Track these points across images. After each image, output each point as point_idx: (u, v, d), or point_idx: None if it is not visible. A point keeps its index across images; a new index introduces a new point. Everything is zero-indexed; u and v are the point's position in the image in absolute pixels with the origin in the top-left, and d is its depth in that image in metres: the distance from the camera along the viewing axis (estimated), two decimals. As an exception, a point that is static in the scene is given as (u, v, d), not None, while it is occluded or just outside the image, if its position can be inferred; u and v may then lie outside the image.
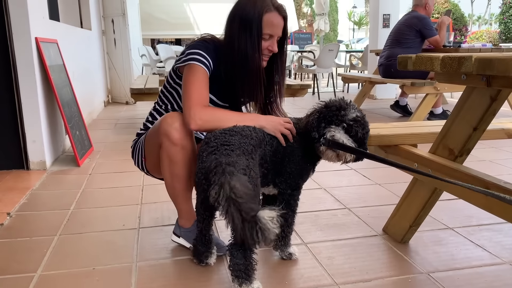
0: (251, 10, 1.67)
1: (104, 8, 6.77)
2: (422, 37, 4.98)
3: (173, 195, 1.82)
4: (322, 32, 10.38)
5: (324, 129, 1.59)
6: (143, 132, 1.92)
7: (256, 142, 1.55)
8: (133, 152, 1.93)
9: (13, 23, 2.95)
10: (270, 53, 1.74)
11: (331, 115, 1.59)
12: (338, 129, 1.58)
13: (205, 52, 1.70)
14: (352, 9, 40.07)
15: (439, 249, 1.89)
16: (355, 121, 1.58)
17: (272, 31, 1.69)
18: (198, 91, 1.66)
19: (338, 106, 1.61)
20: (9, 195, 2.62)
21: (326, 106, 1.64)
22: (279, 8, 1.70)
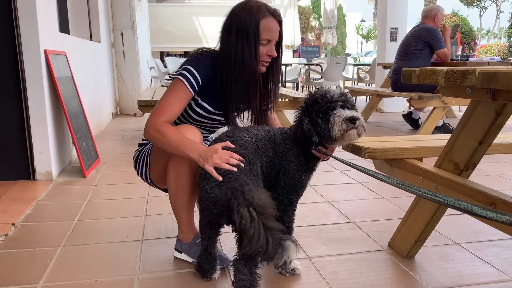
0: (247, 17, 1.69)
1: (113, 21, 6.86)
2: (431, 49, 4.97)
3: (176, 207, 1.82)
4: (329, 45, 10.41)
5: (326, 120, 1.57)
6: (146, 142, 1.93)
7: (252, 151, 1.55)
8: (137, 162, 1.94)
9: (23, 35, 2.99)
10: (269, 58, 1.76)
11: (323, 106, 1.58)
12: (340, 110, 1.57)
13: (195, 67, 1.72)
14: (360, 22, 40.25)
15: (446, 265, 1.86)
16: (343, 94, 1.62)
17: (270, 36, 1.71)
18: (164, 104, 1.69)
19: (321, 95, 1.60)
20: (14, 205, 2.63)
21: (310, 104, 1.62)
22: (274, 13, 1.73)
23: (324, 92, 1.60)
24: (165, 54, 15.41)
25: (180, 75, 1.71)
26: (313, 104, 1.61)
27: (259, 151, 1.59)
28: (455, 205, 0.96)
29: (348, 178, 3.23)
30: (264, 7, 1.71)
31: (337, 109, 1.57)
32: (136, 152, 1.97)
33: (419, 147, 1.85)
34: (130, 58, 6.84)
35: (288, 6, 12.51)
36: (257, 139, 1.61)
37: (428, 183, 1.67)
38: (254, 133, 1.63)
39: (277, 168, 1.65)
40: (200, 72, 1.72)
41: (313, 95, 1.63)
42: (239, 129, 1.67)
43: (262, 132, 1.66)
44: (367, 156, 1.82)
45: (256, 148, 1.58)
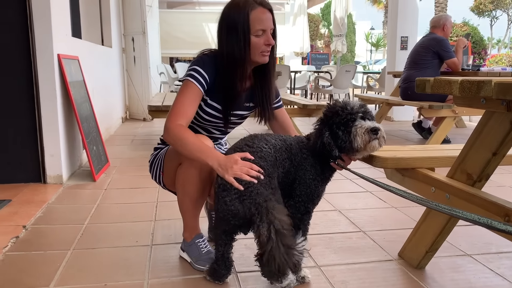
0: (235, 13, 1.71)
1: (125, 27, 6.92)
2: (440, 58, 4.95)
3: (183, 210, 1.89)
4: (339, 53, 10.41)
5: (347, 132, 1.59)
6: (161, 146, 1.97)
7: (271, 164, 1.57)
8: (152, 165, 1.98)
9: (37, 39, 3.03)
10: (269, 47, 1.76)
11: (344, 118, 1.59)
12: (361, 121, 1.59)
13: (201, 67, 1.76)
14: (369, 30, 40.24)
15: (457, 276, 1.84)
16: (363, 106, 1.63)
17: (264, 26, 1.71)
18: (179, 106, 1.71)
19: (341, 107, 1.61)
20: (25, 208, 2.65)
21: (331, 116, 1.63)
22: (262, 2, 1.73)
23: (344, 104, 1.62)
24: (174, 59, 15.51)
25: (188, 76, 1.75)
26: (334, 116, 1.62)
27: (277, 162, 1.61)
28: (474, 220, 0.95)
29: (357, 187, 3.21)
30: (251, 0, 1.72)
31: (358, 120, 1.59)
32: (151, 156, 2.00)
33: (431, 157, 1.84)
34: (141, 63, 6.89)
35: (298, 13, 12.55)
36: (275, 149, 1.62)
37: (441, 194, 1.65)
38: (273, 143, 1.64)
39: (292, 178, 1.65)
40: (207, 71, 1.75)
41: (333, 107, 1.65)
42: (258, 137, 1.67)
43: (280, 142, 1.67)
44: (379, 165, 1.81)
45: (275, 160, 1.60)
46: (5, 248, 2.08)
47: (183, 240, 1.96)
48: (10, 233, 2.26)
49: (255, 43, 1.72)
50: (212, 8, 13.66)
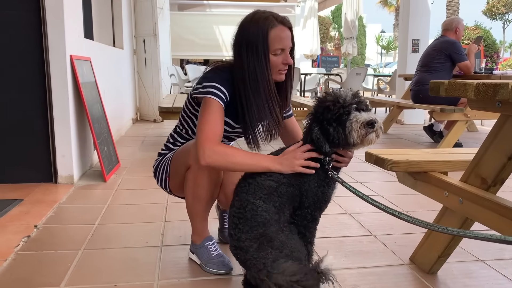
0: (255, 31, 1.65)
1: (136, 28, 6.97)
2: (452, 61, 4.91)
3: (192, 214, 1.88)
4: (350, 56, 10.37)
5: (341, 127, 1.48)
6: (165, 152, 1.95)
7: (279, 199, 1.56)
8: (156, 171, 1.96)
9: (50, 40, 3.06)
10: (286, 66, 1.73)
11: (336, 113, 1.48)
12: (355, 113, 1.47)
13: (220, 83, 1.68)
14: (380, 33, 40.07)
15: (469, 282, 1.82)
16: (356, 95, 1.52)
17: (283, 45, 1.67)
18: (211, 126, 1.63)
19: (332, 101, 1.49)
20: (37, 207, 2.67)
21: (321, 112, 1.52)
22: (283, 21, 1.69)
23: (335, 97, 1.50)
24: (185, 61, 15.57)
25: (209, 93, 1.66)
26: (325, 112, 1.51)
27: (281, 199, 1.57)
28: (486, 237, 0.94)
29: (368, 190, 3.19)
30: (271, 17, 1.67)
31: (352, 113, 1.47)
32: (155, 161, 1.99)
33: (445, 161, 1.82)
34: (152, 65, 6.92)
35: (308, 16, 12.53)
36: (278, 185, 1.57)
37: (454, 198, 1.63)
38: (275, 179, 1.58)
39: (299, 195, 1.59)
40: (225, 87, 1.69)
41: (323, 101, 1.53)
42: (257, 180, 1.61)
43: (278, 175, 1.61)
44: (390, 168, 1.80)
45: (276, 186, 1.56)
46: (17, 247, 2.10)
47: (192, 242, 1.96)
48: (22, 232, 2.27)
49: (273, 62, 1.68)
50: (223, 11, 13.69)
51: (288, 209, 1.58)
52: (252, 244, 1.49)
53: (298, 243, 1.54)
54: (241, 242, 1.51)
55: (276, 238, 1.49)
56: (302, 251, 1.54)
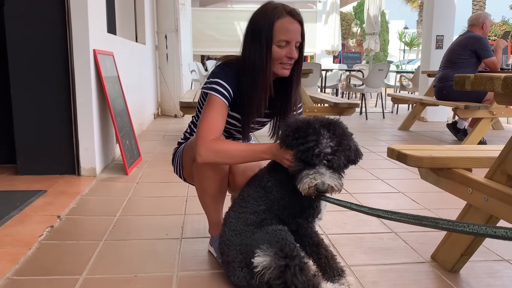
0: (261, 19, 1.63)
1: (158, 24, 7.02)
2: (478, 58, 4.79)
3: (204, 206, 1.90)
4: (372, 52, 10.24)
5: (300, 174, 1.45)
6: (183, 142, 1.98)
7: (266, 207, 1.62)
8: (173, 159, 2.00)
9: (74, 35, 3.11)
10: (290, 60, 1.67)
11: (305, 154, 1.42)
12: (318, 170, 1.42)
13: (225, 80, 1.68)
14: (403, 29, 39.46)
15: (493, 282, 1.78)
16: (333, 153, 1.42)
17: (288, 37, 1.62)
18: (209, 124, 1.63)
19: (313, 142, 1.42)
20: (60, 199, 2.72)
21: (292, 137, 1.46)
22: (291, 12, 1.63)
23: (316, 137, 1.42)
24: (206, 57, 15.64)
25: (212, 90, 1.67)
26: (294, 141, 1.46)
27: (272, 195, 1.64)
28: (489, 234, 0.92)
29: (389, 187, 3.15)
30: (280, 7, 1.63)
31: (316, 168, 1.42)
32: (174, 149, 2.03)
33: (469, 157, 1.78)
34: (173, 61, 6.97)
35: (330, 12, 12.43)
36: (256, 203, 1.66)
37: (478, 195, 1.59)
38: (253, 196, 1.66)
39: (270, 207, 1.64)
40: (229, 83, 1.68)
41: (305, 136, 1.44)
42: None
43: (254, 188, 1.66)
44: (413, 164, 1.77)
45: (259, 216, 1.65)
46: (41, 237, 2.15)
47: (210, 235, 1.98)
48: (45, 222, 2.32)
49: (276, 54, 1.64)
50: (244, 7, 13.69)
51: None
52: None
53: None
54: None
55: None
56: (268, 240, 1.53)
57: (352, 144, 1.50)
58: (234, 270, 1.60)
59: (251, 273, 1.54)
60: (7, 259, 1.89)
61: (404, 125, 6.09)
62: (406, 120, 6.10)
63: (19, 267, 1.84)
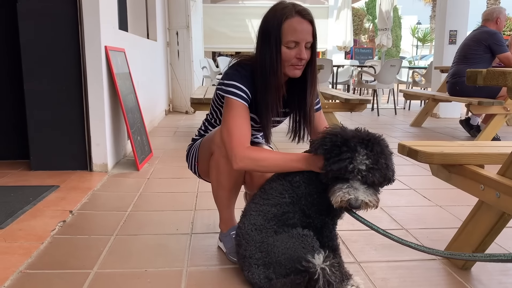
0: (271, 20, 1.61)
1: (169, 21, 7.05)
2: (492, 53, 4.72)
3: (217, 201, 1.90)
4: (384, 47, 10.15)
5: (333, 186, 1.44)
6: (197, 138, 1.99)
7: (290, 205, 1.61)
8: (188, 155, 2.00)
9: (86, 31, 3.13)
10: (300, 61, 1.63)
11: (337, 169, 1.40)
12: (353, 183, 1.41)
13: (241, 81, 1.66)
14: (416, 25, 39.02)
15: (506, 280, 1.76)
16: (369, 170, 1.39)
17: (296, 37, 1.59)
18: (238, 129, 1.62)
19: (348, 161, 1.38)
20: (72, 194, 2.75)
21: (328, 150, 1.44)
22: (301, 12, 1.59)
23: (348, 157, 1.39)
24: (217, 54, 15.66)
25: (230, 94, 1.65)
26: (330, 155, 1.43)
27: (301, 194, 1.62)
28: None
29: (400, 184, 3.13)
30: (291, 7, 1.60)
31: (349, 182, 1.41)
32: (188, 146, 2.03)
33: (481, 153, 1.75)
34: (184, 57, 6.99)
35: (342, 7, 12.34)
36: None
37: (490, 192, 1.57)
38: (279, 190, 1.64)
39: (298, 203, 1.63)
40: (245, 84, 1.66)
41: (337, 150, 1.42)
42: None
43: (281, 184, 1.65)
44: (424, 160, 1.75)
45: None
46: (53, 231, 2.17)
47: (220, 230, 1.99)
48: (58, 217, 2.35)
49: (285, 55, 1.61)
50: (256, 3, 13.68)
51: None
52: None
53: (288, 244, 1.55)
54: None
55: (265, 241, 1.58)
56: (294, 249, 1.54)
57: (390, 163, 1.48)
58: (250, 266, 1.59)
59: (266, 272, 1.55)
60: (20, 252, 1.92)
61: (416, 121, 6.03)
62: (419, 116, 6.05)
63: (31, 260, 1.86)
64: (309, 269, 1.44)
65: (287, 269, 1.52)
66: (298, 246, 1.52)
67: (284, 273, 1.52)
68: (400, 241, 1.43)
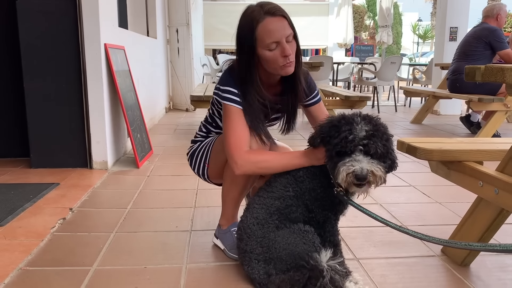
0: (243, 27, 1.61)
1: (169, 18, 7.04)
2: (492, 50, 4.71)
3: (228, 198, 1.88)
4: (384, 44, 10.14)
5: (336, 165, 1.43)
6: (199, 139, 1.96)
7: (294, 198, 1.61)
8: (193, 157, 1.95)
9: (85, 29, 3.13)
10: (287, 58, 1.59)
11: (340, 146, 1.41)
12: (354, 157, 1.40)
13: (234, 86, 1.66)
14: (417, 22, 38.94)
15: (505, 276, 1.76)
16: (369, 137, 1.40)
17: (275, 37, 1.56)
18: (236, 135, 1.63)
19: (344, 134, 1.41)
20: (72, 191, 2.76)
21: (327, 131, 1.47)
22: (270, 11, 1.56)
23: (348, 128, 1.42)
24: (217, 51, 15.63)
25: (226, 100, 1.66)
26: (330, 136, 1.46)
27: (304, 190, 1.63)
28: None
29: (400, 181, 3.13)
30: (258, 9, 1.57)
31: (353, 155, 1.41)
32: (190, 148, 2.00)
33: (480, 150, 1.75)
34: (184, 55, 6.99)
35: (342, 4, 12.32)
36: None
37: (489, 188, 1.58)
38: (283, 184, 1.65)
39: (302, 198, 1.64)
40: (237, 88, 1.66)
41: (334, 126, 1.46)
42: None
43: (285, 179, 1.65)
44: (423, 157, 1.75)
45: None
46: (53, 228, 2.18)
47: (218, 227, 1.98)
48: (58, 214, 2.36)
49: (270, 58, 1.58)
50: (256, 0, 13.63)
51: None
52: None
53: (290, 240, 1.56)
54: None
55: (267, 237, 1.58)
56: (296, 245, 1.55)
57: (389, 134, 1.49)
58: (250, 261, 1.60)
59: (266, 268, 1.56)
60: (20, 250, 1.93)
61: (416, 118, 6.03)
62: (419, 113, 6.04)
63: (31, 258, 1.87)
64: (315, 267, 1.45)
65: (287, 265, 1.53)
66: (299, 242, 1.53)
67: (285, 268, 1.53)
68: (398, 228, 1.43)
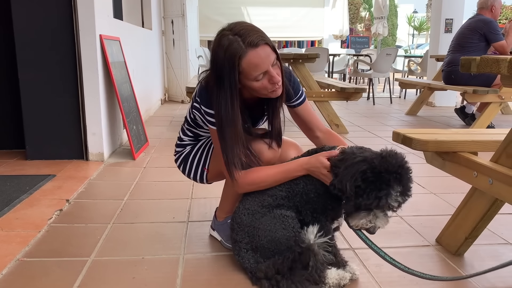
0: (222, 62, 1.48)
1: (164, 9, 6.99)
2: (487, 41, 4.73)
3: (229, 194, 1.88)
4: (380, 36, 10.13)
5: (355, 211, 1.46)
6: (184, 143, 1.92)
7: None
8: (185, 163, 1.91)
9: (80, 20, 3.11)
10: (275, 84, 1.55)
11: (368, 201, 1.41)
12: (376, 214, 1.46)
13: (211, 107, 1.60)
14: (412, 13, 38.89)
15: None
16: (399, 205, 1.45)
17: (261, 69, 1.50)
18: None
19: (373, 181, 1.38)
20: (69, 183, 2.76)
21: (363, 187, 1.40)
22: (252, 43, 1.46)
23: (384, 194, 1.39)
24: (212, 43, 15.57)
25: (212, 124, 1.62)
26: (364, 194, 1.41)
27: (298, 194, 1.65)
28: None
29: (395, 172, 3.14)
30: (238, 43, 1.46)
31: (375, 211, 1.45)
32: (177, 154, 1.95)
33: (475, 141, 1.77)
34: (180, 46, 6.96)
35: (338, -5, 12.27)
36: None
37: (483, 178, 1.59)
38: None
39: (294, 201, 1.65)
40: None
41: (372, 185, 1.40)
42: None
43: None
44: (418, 148, 1.76)
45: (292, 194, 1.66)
46: (50, 220, 2.18)
47: (214, 218, 1.99)
48: (55, 206, 2.36)
49: (258, 87, 1.54)
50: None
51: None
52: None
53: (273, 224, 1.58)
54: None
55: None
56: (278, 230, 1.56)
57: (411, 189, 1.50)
58: (240, 251, 1.63)
59: (255, 256, 1.58)
60: (18, 241, 1.93)
61: (411, 110, 6.05)
62: (414, 105, 6.06)
63: (29, 249, 1.88)
64: (306, 249, 1.48)
65: (270, 252, 1.56)
66: (278, 228, 1.55)
67: (270, 255, 1.56)
68: (406, 270, 1.48)
